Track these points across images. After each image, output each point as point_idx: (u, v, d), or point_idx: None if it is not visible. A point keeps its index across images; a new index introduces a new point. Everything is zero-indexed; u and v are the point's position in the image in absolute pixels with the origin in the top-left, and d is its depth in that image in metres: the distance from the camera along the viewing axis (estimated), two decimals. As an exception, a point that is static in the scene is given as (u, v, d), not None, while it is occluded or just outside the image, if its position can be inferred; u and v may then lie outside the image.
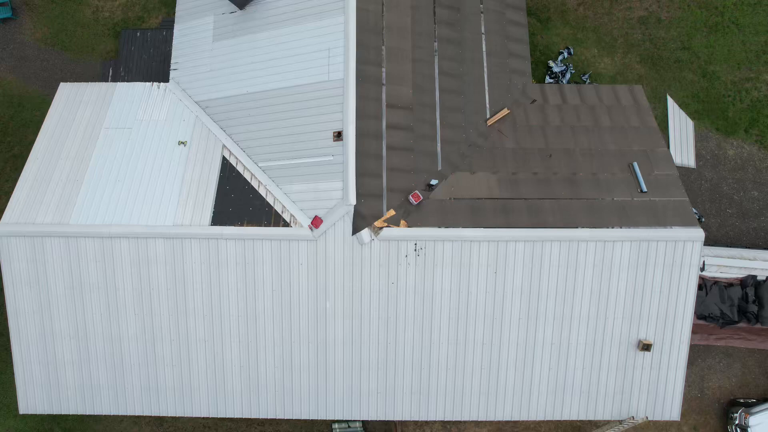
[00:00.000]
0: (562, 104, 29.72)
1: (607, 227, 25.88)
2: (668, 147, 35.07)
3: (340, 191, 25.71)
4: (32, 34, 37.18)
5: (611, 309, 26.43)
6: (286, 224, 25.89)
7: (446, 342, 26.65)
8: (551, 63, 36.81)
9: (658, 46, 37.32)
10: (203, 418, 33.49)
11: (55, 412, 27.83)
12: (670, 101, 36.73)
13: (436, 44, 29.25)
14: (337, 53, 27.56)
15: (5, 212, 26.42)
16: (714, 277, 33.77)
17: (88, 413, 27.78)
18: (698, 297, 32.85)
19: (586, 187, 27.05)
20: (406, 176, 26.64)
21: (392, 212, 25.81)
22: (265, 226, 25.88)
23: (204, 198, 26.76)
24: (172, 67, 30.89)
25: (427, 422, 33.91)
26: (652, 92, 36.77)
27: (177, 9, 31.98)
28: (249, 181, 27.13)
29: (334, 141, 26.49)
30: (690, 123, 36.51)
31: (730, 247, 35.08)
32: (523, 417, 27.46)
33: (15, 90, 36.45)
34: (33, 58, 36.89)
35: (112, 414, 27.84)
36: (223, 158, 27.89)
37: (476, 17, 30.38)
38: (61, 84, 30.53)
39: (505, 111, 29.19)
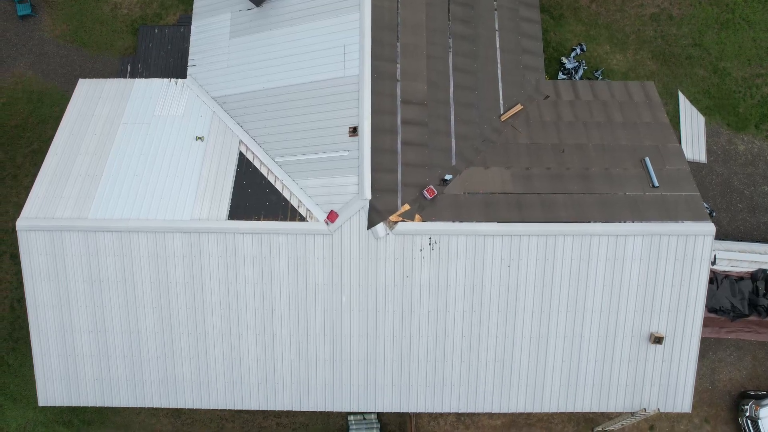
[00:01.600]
0: (574, 100, 29.87)
1: (620, 221, 26.03)
2: (680, 142, 35.25)
3: (356, 186, 25.93)
4: (51, 31, 37.52)
5: (623, 302, 26.56)
6: (302, 219, 26.06)
7: (460, 335, 26.83)
8: (564, 59, 36.97)
9: (670, 43, 37.46)
10: (220, 410, 33.73)
11: (74, 404, 28.09)
12: (681, 97, 36.86)
13: (450, 41, 29.44)
14: (353, 50, 27.77)
15: (25, 207, 26.65)
16: (725, 271, 33.89)
17: (106, 405, 28.01)
18: (709, 290, 32.98)
19: (599, 182, 27.22)
20: (421, 171, 26.85)
21: (407, 207, 26.01)
22: (282, 220, 26.06)
23: (221, 193, 26.97)
24: (189, 63, 31.15)
25: (441, 414, 34.13)
26: (663, 88, 36.91)
27: (194, 6, 32.24)
28: (265, 176, 27.35)
29: (349, 136, 26.69)
30: (701, 118, 36.64)
31: (741, 241, 35.22)
32: (536, 409, 27.63)
33: (34, 86, 36.78)
34: (52, 54, 37.22)
35: (130, 406, 28.03)
36: (240, 153, 28.12)
37: (490, 14, 30.54)
38: (80, 80, 30.80)
39: (519, 107, 29.35)
